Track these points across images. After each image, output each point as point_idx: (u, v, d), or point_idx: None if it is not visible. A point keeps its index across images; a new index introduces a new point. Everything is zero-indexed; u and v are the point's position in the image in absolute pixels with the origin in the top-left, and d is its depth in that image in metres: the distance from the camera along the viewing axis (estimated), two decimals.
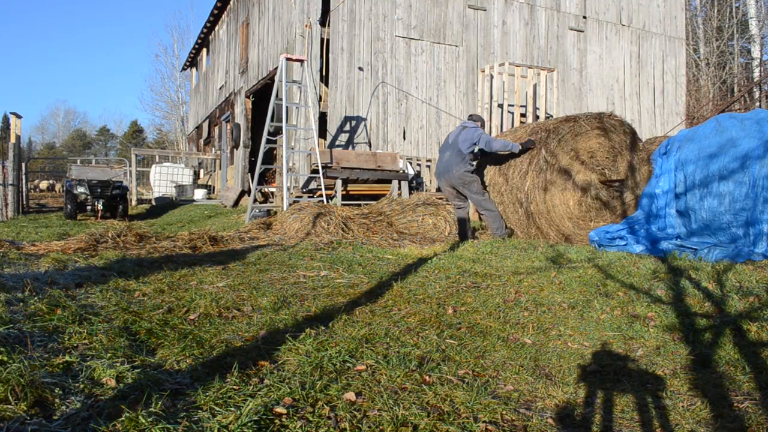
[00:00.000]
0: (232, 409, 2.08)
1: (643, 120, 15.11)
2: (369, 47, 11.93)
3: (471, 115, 7.56)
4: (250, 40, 16.36)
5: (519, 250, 6.18)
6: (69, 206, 12.58)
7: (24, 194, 15.42)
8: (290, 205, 8.68)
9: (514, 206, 7.12)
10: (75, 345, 2.69)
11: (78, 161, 21.67)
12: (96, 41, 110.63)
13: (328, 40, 11.66)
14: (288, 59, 9.96)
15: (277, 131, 10.53)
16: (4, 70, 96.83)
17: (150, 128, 55.08)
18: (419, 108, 12.36)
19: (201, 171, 24.56)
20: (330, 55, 11.63)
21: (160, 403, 2.05)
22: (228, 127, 19.19)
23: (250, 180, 15.05)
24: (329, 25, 11.58)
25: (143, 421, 1.91)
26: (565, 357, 3.04)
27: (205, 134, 24.00)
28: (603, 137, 7.19)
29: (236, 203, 14.44)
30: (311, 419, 2.08)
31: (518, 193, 7.04)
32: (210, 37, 23.05)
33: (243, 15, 17.52)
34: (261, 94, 16.06)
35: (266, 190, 13.01)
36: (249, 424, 1.96)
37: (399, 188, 10.16)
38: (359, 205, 9.51)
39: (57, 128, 69.63)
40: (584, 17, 14.25)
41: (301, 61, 10.33)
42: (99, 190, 12.70)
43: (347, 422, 2.07)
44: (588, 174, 7.12)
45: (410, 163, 11.45)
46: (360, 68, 11.82)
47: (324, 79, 11.82)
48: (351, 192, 10.32)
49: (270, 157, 13.91)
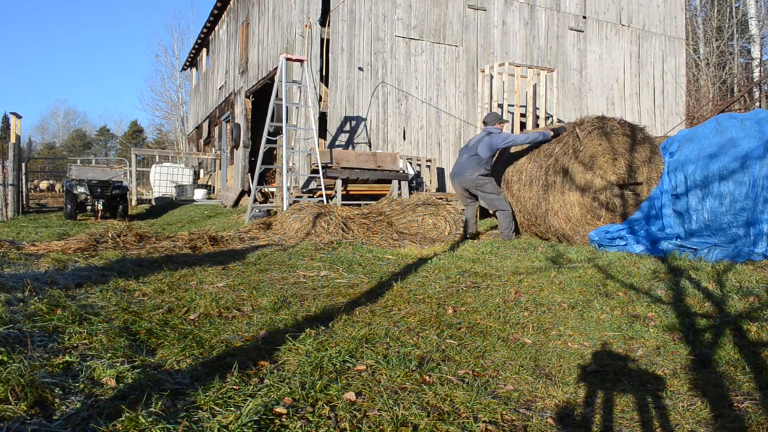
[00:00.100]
0: (232, 409, 2.08)
1: (643, 120, 15.10)
2: (369, 47, 11.93)
3: (493, 117, 7.38)
4: (250, 40, 16.36)
5: (519, 250, 6.18)
6: (69, 206, 12.58)
7: (24, 194, 15.42)
8: (290, 205, 8.67)
9: (524, 206, 7.18)
10: (75, 345, 2.69)
11: (78, 161, 21.68)
12: (96, 41, 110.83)
13: (328, 40, 11.66)
14: (288, 59, 9.96)
15: (277, 131, 10.52)
16: (4, 70, 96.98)
17: (150, 128, 55.16)
18: (419, 108, 12.35)
19: (201, 171, 24.55)
20: (330, 55, 11.63)
21: (160, 403, 2.05)
22: (228, 127, 19.18)
23: (250, 180, 15.05)
24: (329, 25, 11.58)
25: (143, 421, 1.91)
26: (565, 357, 3.04)
27: (205, 134, 24.00)
28: (606, 141, 7.18)
29: (236, 203, 14.44)
30: (311, 419, 2.08)
31: (529, 194, 7.08)
32: (210, 37, 23.05)
33: (243, 15, 17.51)
34: (261, 94, 16.06)
35: (266, 190, 13.00)
36: (249, 424, 1.96)
37: (399, 188, 10.16)
38: (359, 205, 9.51)
39: (57, 128, 69.72)
40: (584, 17, 14.24)
41: (301, 61, 10.33)
42: (99, 190, 12.70)
43: (347, 422, 2.07)
44: (606, 176, 7.13)
45: (410, 163, 11.44)
46: (360, 68, 11.82)
47: (324, 79, 11.82)
48: (351, 192, 10.32)
49: (270, 157, 13.91)
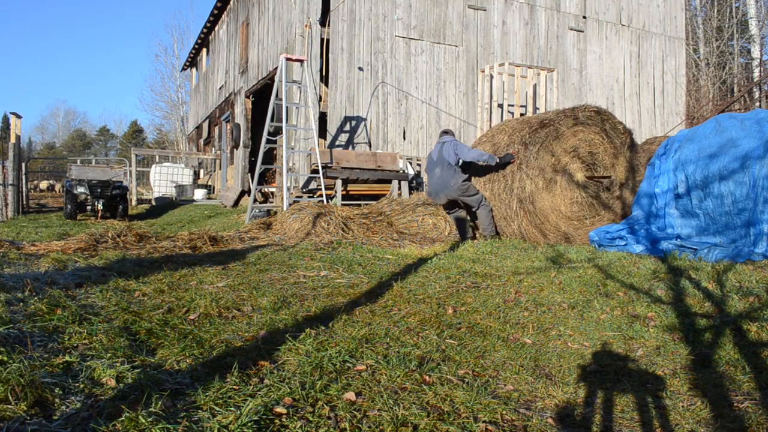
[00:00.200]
0: (232, 409, 2.08)
1: (643, 120, 15.11)
2: (369, 47, 11.93)
3: (445, 131, 7.88)
4: (250, 40, 16.36)
5: (519, 250, 6.18)
6: (69, 206, 12.58)
7: (24, 194, 15.42)
8: (290, 205, 8.67)
9: (504, 207, 7.22)
10: (75, 345, 2.69)
11: (78, 161, 21.67)
12: (96, 41, 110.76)
13: (328, 40, 11.65)
14: (288, 59, 9.96)
15: (277, 131, 10.52)
16: (4, 70, 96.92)
17: (150, 128, 55.14)
18: (419, 108, 12.35)
19: (201, 171, 24.55)
20: (330, 55, 11.62)
21: (160, 403, 2.05)
22: (228, 127, 19.18)
23: (250, 180, 15.05)
24: (329, 25, 11.58)
25: (143, 421, 1.91)
26: (565, 357, 3.04)
27: (205, 134, 23.99)
28: (581, 133, 7.23)
29: (236, 203, 14.44)
30: (311, 419, 2.08)
31: (509, 196, 7.10)
32: (210, 37, 23.05)
33: (243, 15, 17.51)
34: (261, 94, 16.05)
35: (266, 190, 13.00)
36: (249, 424, 1.96)
37: (399, 188, 10.15)
38: (359, 205, 9.51)
39: (57, 128, 69.69)
40: (584, 17, 14.24)
41: (301, 61, 10.33)
42: (99, 190, 12.70)
43: (347, 422, 2.07)
44: (575, 172, 7.16)
45: (410, 163, 11.44)
46: (360, 68, 11.82)
47: (324, 79, 11.81)
48: (351, 192, 10.31)
49: (270, 157, 13.90)
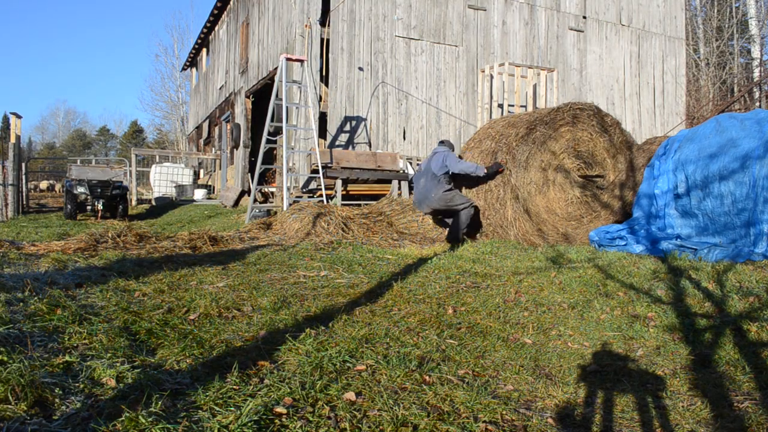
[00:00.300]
0: (232, 409, 2.08)
1: (643, 120, 15.11)
2: (369, 47, 11.93)
3: (442, 141, 7.84)
4: (250, 40, 16.36)
5: (519, 250, 6.18)
6: (69, 206, 12.58)
7: (24, 194, 15.41)
8: (290, 205, 8.67)
9: (499, 217, 7.22)
10: (75, 345, 2.69)
11: (78, 161, 21.67)
12: (96, 41, 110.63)
13: (328, 40, 11.65)
14: (288, 59, 9.96)
15: (277, 131, 10.52)
16: (4, 70, 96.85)
17: (150, 128, 55.12)
18: (419, 108, 12.35)
19: (201, 171, 24.55)
20: (330, 55, 11.62)
21: (160, 403, 2.05)
22: (228, 127, 19.18)
23: (250, 180, 15.05)
24: (329, 25, 11.58)
25: (143, 421, 1.91)
26: (565, 357, 3.04)
27: (205, 134, 23.99)
28: (571, 132, 7.24)
29: (236, 203, 14.44)
30: (311, 419, 2.08)
31: (505, 197, 7.11)
32: (210, 37, 23.05)
33: (243, 15, 17.51)
34: (261, 94, 16.05)
35: (266, 190, 13.00)
36: (249, 424, 1.96)
37: (399, 188, 10.15)
38: (359, 205, 9.51)
39: (57, 128, 69.66)
40: (584, 17, 14.24)
41: (301, 61, 10.33)
42: (99, 190, 12.69)
43: (347, 422, 2.07)
44: (567, 173, 7.18)
45: (410, 163, 11.44)
46: (360, 68, 11.82)
47: (324, 79, 11.81)
48: (351, 192, 10.31)
49: (270, 157, 13.90)
